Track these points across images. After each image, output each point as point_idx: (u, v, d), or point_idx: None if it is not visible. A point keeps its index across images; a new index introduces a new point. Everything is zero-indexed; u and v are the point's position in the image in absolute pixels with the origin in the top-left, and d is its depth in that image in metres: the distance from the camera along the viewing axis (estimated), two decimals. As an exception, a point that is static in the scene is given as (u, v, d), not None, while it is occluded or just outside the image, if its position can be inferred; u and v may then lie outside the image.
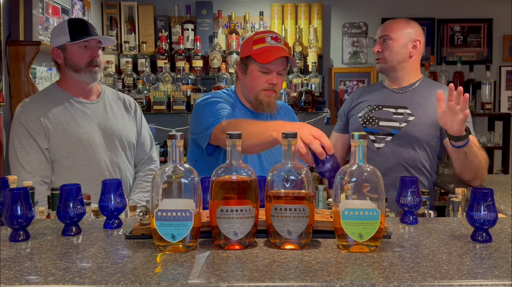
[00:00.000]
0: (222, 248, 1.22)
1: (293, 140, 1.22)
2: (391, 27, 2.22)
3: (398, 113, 2.18)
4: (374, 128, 2.20)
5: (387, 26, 2.24)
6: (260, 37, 1.96)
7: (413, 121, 2.14)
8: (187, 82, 3.60)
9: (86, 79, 2.12)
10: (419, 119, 2.14)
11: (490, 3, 4.07)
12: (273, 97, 1.98)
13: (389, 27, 2.23)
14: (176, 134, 1.21)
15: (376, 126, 2.19)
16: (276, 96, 2.00)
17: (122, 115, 2.24)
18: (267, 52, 1.91)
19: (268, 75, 1.94)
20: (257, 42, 1.95)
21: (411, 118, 2.15)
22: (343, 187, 1.20)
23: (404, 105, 2.19)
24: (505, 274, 1.04)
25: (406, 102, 2.19)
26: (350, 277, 1.03)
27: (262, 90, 1.96)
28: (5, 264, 1.11)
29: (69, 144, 2.07)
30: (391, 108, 2.21)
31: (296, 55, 3.76)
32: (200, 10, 3.83)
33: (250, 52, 1.96)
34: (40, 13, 2.72)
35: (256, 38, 1.97)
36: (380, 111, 2.22)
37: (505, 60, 4.13)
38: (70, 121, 2.10)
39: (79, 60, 2.09)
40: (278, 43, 1.93)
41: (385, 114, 2.20)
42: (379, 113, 2.21)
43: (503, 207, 1.77)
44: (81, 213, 1.37)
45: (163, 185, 1.20)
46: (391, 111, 2.20)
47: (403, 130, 2.15)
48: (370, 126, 2.21)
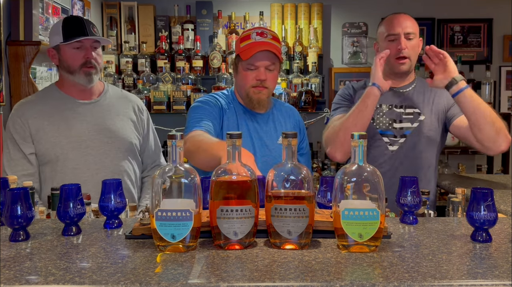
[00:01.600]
0: (222, 248, 1.22)
1: (293, 140, 1.22)
2: (412, 24, 2.07)
3: (408, 113, 2.12)
4: (388, 130, 2.12)
5: (408, 22, 2.07)
6: (246, 34, 1.94)
7: (424, 120, 2.10)
8: (187, 82, 3.60)
9: (81, 81, 2.04)
10: (429, 117, 2.11)
11: (490, 3, 4.07)
12: (264, 93, 1.94)
13: (412, 24, 2.07)
14: (176, 134, 1.21)
15: (391, 127, 2.12)
16: (267, 92, 1.96)
17: (124, 116, 2.16)
18: (250, 48, 1.88)
19: (256, 71, 1.91)
20: (243, 40, 1.93)
21: (422, 117, 2.11)
22: (343, 187, 1.20)
23: (411, 105, 2.13)
24: (505, 274, 1.04)
25: (413, 102, 2.14)
26: (350, 277, 1.03)
27: (251, 87, 1.93)
28: (5, 264, 1.11)
29: (57, 147, 2.00)
30: (399, 108, 2.14)
31: (296, 55, 3.76)
32: (200, 10, 3.83)
33: (238, 50, 1.95)
34: (40, 13, 2.72)
35: (243, 36, 1.96)
36: (391, 111, 2.13)
37: (505, 60, 4.13)
38: (61, 122, 2.02)
39: (72, 61, 2.01)
40: (264, 37, 1.89)
41: (396, 115, 2.13)
42: (390, 114, 2.13)
43: (503, 207, 1.77)
44: (81, 213, 1.37)
45: (163, 185, 1.20)
46: (400, 111, 2.13)
47: (415, 130, 2.10)
48: (384, 128, 2.12)
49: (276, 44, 1.92)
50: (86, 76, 2.03)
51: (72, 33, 2.00)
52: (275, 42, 1.92)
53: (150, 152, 2.27)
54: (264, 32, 1.92)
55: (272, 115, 2.08)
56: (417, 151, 2.10)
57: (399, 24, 2.06)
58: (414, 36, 2.06)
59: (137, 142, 2.18)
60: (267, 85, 1.94)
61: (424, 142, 2.10)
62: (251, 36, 1.90)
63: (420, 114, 2.12)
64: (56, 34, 2.03)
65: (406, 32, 2.05)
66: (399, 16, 2.11)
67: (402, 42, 2.04)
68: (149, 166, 2.28)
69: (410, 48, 2.06)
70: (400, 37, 2.04)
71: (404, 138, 2.10)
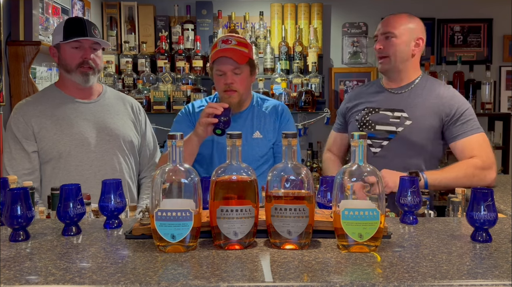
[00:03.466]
0: (222, 248, 1.22)
1: (293, 140, 1.22)
2: (395, 23, 2.06)
3: (395, 117, 2.08)
4: (370, 132, 2.12)
5: (390, 21, 2.08)
6: (215, 42, 2.07)
7: (410, 125, 2.04)
8: (187, 82, 3.59)
9: (77, 80, 2.07)
10: (416, 123, 2.04)
11: (490, 3, 4.07)
12: (234, 97, 2.04)
13: (392, 22, 2.07)
14: (176, 134, 1.21)
15: (373, 130, 2.11)
16: (237, 95, 2.05)
17: (123, 116, 2.20)
18: (215, 55, 2.02)
19: (223, 77, 2.03)
20: (213, 48, 2.07)
21: (408, 122, 2.05)
22: (343, 187, 1.20)
23: (401, 108, 2.09)
24: (505, 274, 1.04)
25: (403, 105, 2.09)
26: (350, 277, 1.03)
27: (222, 91, 2.06)
28: (5, 264, 1.11)
29: (60, 144, 2.03)
30: (387, 111, 2.10)
31: (296, 55, 3.76)
32: (200, 10, 3.83)
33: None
34: (40, 13, 2.72)
35: (213, 45, 2.09)
36: (377, 114, 2.12)
37: (505, 60, 4.13)
38: (63, 121, 2.06)
39: (70, 61, 2.05)
40: (228, 44, 2.01)
41: (382, 117, 2.11)
42: (375, 117, 2.12)
43: (503, 207, 1.77)
44: (81, 213, 1.37)
45: (163, 185, 1.20)
46: (388, 115, 2.10)
47: (400, 134, 2.05)
48: (367, 130, 2.12)
49: (240, 49, 2.02)
50: (83, 76, 2.07)
51: (72, 33, 2.04)
52: (239, 47, 2.02)
53: (148, 151, 2.31)
54: (229, 39, 2.03)
55: (252, 112, 2.16)
56: (401, 155, 2.05)
57: (382, 25, 2.10)
58: (394, 35, 2.05)
59: (136, 141, 2.23)
60: (236, 88, 2.03)
61: (408, 147, 2.05)
62: (217, 45, 2.04)
63: (408, 119, 2.06)
64: (58, 34, 2.08)
65: (384, 31, 2.07)
66: (388, 16, 2.13)
67: (378, 42, 2.09)
68: (146, 166, 2.31)
69: (388, 47, 2.06)
70: (378, 38, 2.10)
71: (388, 141, 2.08)
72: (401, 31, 2.06)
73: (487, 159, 1.97)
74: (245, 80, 2.06)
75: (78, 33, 2.04)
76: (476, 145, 1.99)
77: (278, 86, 3.59)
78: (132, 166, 2.21)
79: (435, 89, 2.09)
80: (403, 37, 2.06)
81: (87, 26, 2.07)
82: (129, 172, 2.18)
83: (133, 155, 2.21)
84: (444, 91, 2.08)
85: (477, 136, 2.00)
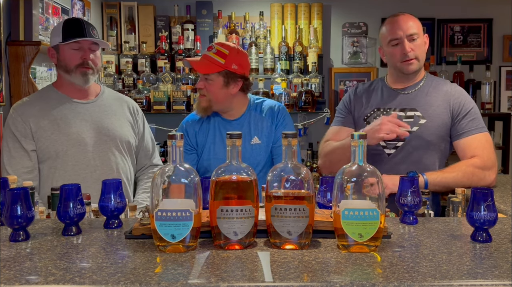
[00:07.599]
0: (222, 248, 1.22)
1: (293, 140, 1.22)
2: (416, 24, 2.02)
3: (408, 117, 2.04)
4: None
5: (408, 22, 2.02)
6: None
7: (425, 124, 2.01)
8: (187, 82, 3.60)
9: (76, 81, 2.08)
10: (431, 121, 2.01)
11: (490, 3, 4.07)
12: (203, 101, 2.16)
13: (413, 23, 2.02)
14: (176, 134, 1.21)
15: None
16: (205, 100, 2.14)
17: (121, 116, 2.20)
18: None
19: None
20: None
21: (423, 121, 2.02)
22: (343, 187, 1.20)
23: (413, 107, 2.05)
24: (505, 274, 1.04)
25: (415, 104, 2.05)
26: (350, 277, 1.03)
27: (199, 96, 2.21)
28: (5, 264, 1.11)
29: (57, 144, 2.04)
30: (400, 111, 2.06)
31: (296, 55, 3.76)
32: (200, 10, 3.83)
33: None
34: (40, 13, 2.72)
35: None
36: (388, 114, 2.02)
37: (505, 60, 4.13)
38: (60, 120, 2.06)
39: (69, 61, 2.05)
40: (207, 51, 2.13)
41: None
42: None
43: (503, 207, 1.76)
44: (81, 213, 1.37)
45: (163, 185, 1.20)
46: (401, 115, 2.04)
47: (415, 134, 2.01)
48: None
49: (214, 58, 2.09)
50: (82, 76, 2.07)
51: (70, 34, 2.04)
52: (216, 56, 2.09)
53: (146, 152, 2.31)
54: (212, 46, 2.13)
55: (249, 118, 2.19)
56: (416, 156, 2.03)
57: (400, 27, 2.01)
58: (417, 35, 2.01)
59: (134, 142, 2.23)
60: (205, 93, 2.14)
61: (424, 147, 2.03)
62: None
63: (421, 117, 2.03)
64: (56, 35, 2.07)
65: (408, 34, 2.00)
66: (398, 18, 2.05)
67: (406, 45, 2.00)
68: (143, 167, 2.32)
69: (416, 48, 2.01)
70: (403, 41, 2.00)
71: (402, 142, 2.03)
72: (420, 31, 2.04)
73: (487, 160, 1.97)
74: (216, 88, 2.11)
75: (77, 34, 2.04)
76: (478, 145, 1.98)
77: (278, 86, 3.59)
78: (129, 166, 2.21)
79: (442, 87, 2.08)
80: (422, 36, 2.05)
81: (85, 27, 2.07)
82: (126, 172, 2.18)
83: (130, 155, 2.21)
84: (452, 88, 2.08)
85: (481, 135, 1.99)
